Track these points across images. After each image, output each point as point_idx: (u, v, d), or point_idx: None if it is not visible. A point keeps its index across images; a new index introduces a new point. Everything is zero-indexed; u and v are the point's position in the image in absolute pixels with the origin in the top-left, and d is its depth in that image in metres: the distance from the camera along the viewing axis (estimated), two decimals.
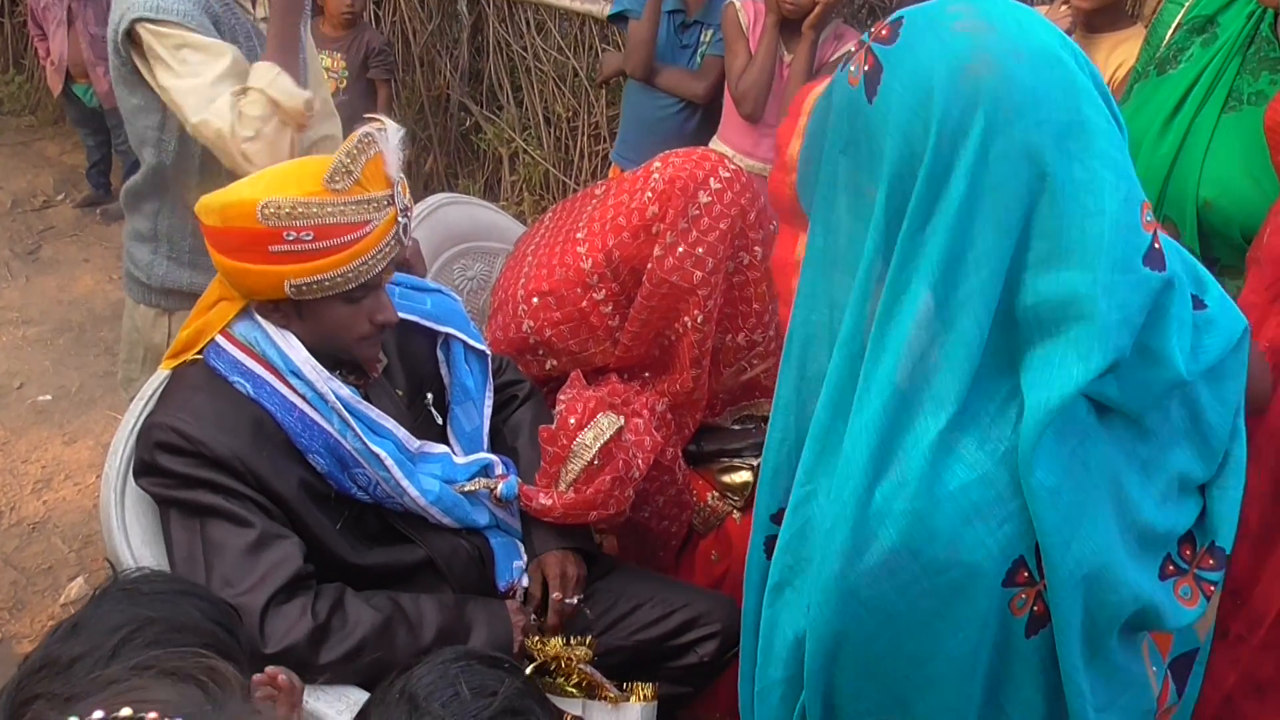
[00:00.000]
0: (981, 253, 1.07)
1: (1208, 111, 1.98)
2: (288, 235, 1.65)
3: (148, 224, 2.30)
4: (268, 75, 2.02)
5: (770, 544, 1.32)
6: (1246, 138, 1.93)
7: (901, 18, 1.12)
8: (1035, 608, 1.17)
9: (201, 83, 2.01)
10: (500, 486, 1.95)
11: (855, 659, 1.21)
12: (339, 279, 1.70)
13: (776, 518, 1.30)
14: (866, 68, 1.11)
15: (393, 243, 1.76)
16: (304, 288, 1.70)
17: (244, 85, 2.01)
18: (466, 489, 1.91)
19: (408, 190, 1.79)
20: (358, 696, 1.67)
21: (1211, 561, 1.27)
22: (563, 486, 1.95)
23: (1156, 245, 1.11)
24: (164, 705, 0.76)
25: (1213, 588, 1.27)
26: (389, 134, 1.73)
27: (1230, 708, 1.62)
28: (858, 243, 1.15)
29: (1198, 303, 1.21)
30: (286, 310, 1.76)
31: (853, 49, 1.16)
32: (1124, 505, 1.18)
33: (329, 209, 1.67)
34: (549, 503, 1.95)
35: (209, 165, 2.17)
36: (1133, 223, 1.08)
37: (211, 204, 1.71)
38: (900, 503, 1.12)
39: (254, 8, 2.20)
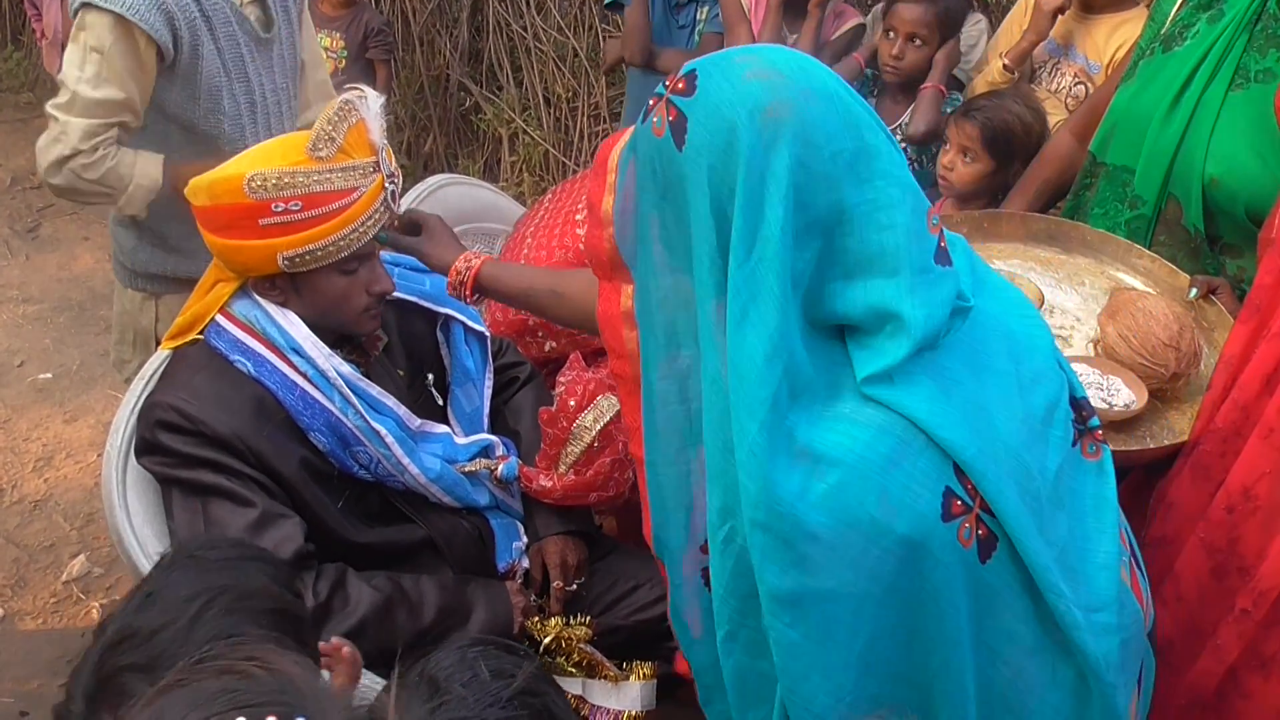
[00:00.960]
0: (801, 270, 1.18)
1: (1215, 89, 1.97)
2: (276, 207, 1.66)
3: None
4: (150, 171, 2.12)
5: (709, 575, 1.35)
6: (1254, 115, 1.93)
7: (694, 70, 1.22)
8: (979, 532, 1.22)
9: (88, 96, 2.04)
10: (501, 467, 1.96)
11: (843, 656, 1.23)
12: (331, 247, 1.71)
13: (705, 548, 1.34)
14: (670, 118, 1.21)
15: (381, 209, 1.76)
16: (297, 259, 1.70)
17: (117, 122, 2.07)
18: (467, 469, 1.92)
19: (393, 156, 1.79)
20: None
21: (1085, 412, 1.38)
22: (563, 468, 1.96)
23: (942, 245, 1.23)
24: (280, 708, 0.74)
25: (1100, 432, 1.38)
26: (369, 101, 1.73)
27: (1235, 681, 1.64)
28: (697, 279, 1.24)
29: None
30: (283, 286, 1.77)
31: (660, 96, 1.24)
32: (1012, 395, 1.27)
33: (315, 177, 1.67)
34: (549, 484, 1.96)
35: (184, 146, 2.17)
36: (921, 229, 1.20)
37: (199, 184, 1.71)
38: (817, 484, 1.18)
39: None
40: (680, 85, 1.23)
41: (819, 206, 1.17)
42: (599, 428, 1.94)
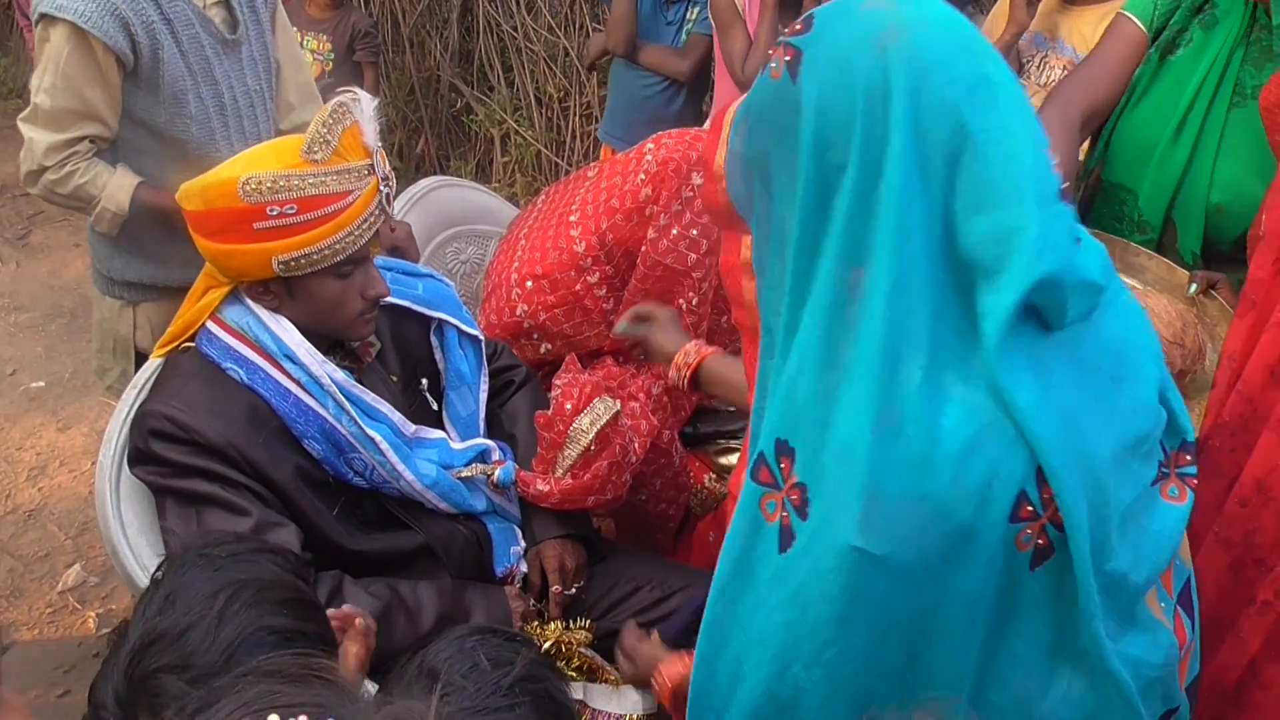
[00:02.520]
0: (925, 201, 1.16)
1: (1217, 109, 1.94)
2: (271, 210, 1.64)
3: None
4: (117, 196, 2.15)
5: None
6: (1252, 135, 1.89)
7: (812, 13, 1.22)
8: (1039, 540, 1.20)
9: (46, 107, 2.08)
10: (497, 472, 1.95)
11: (866, 624, 1.22)
12: (326, 251, 1.70)
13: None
14: (787, 58, 1.20)
15: (376, 212, 1.75)
16: (292, 263, 1.69)
17: (83, 135, 2.10)
18: (463, 474, 1.91)
19: (386, 160, 1.78)
20: None
21: (1188, 458, 1.35)
22: (560, 472, 1.95)
23: (1064, 184, 1.21)
24: (313, 709, 0.76)
25: (1195, 480, 1.35)
26: (363, 103, 1.72)
27: (1254, 673, 1.64)
28: (798, 220, 1.22)
29: None
30: (277, 291, 1.75)
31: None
32: (1103, 416, 1.24)
33: (310, 180, 1.66)
34: (546, 489, 1.95)
35: (153, 151, 2.17)
36: (1045, 163, 1.17)
37: (192, 188, 1.70)
38: (900, 450, 1.16)
39: None
40: (798, 27, 1.22)
41: (942, 131, 1.14)
42: (596, 431, 1.92)
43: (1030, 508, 1.18)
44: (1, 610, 2.90)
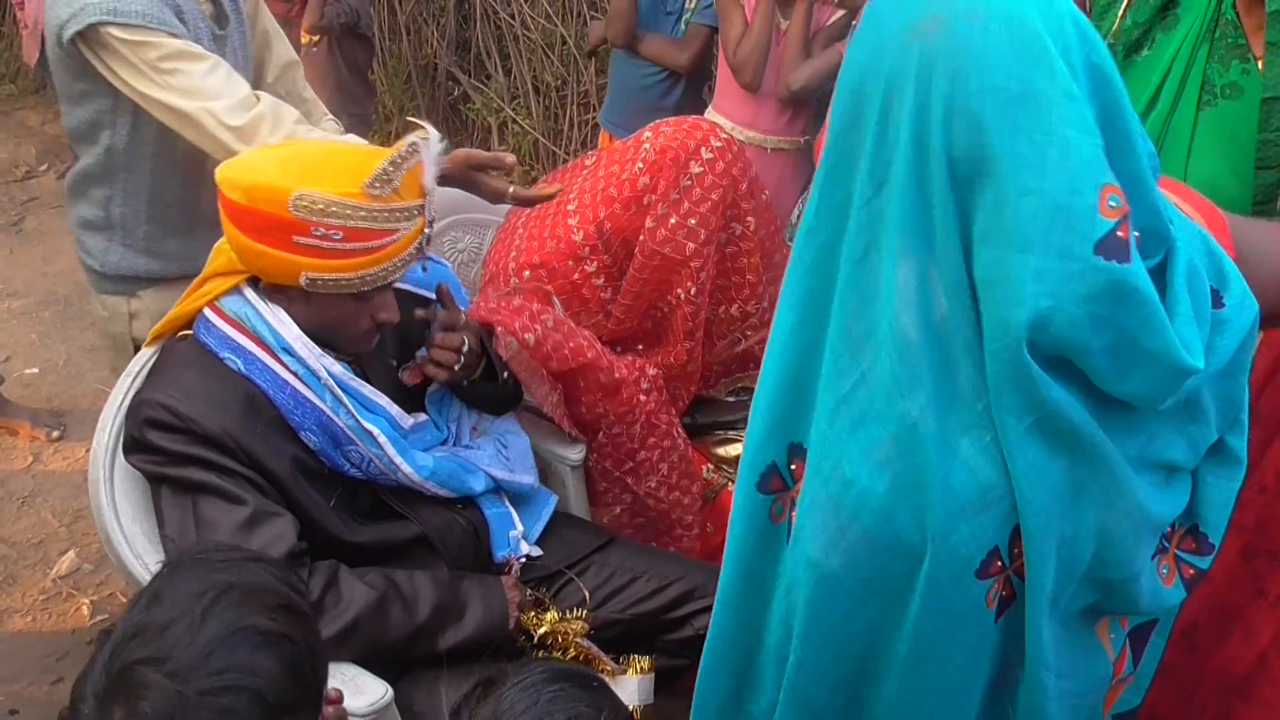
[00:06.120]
0: (935, 222, 1.02)
1: (1184, 109, 1.89)
2: (316, 230, 1.64)
3: (98, 211, 2.23)
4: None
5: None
6: (1225, 134, 1.84)
7: None
8: (1003, 593, 1.17)
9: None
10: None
11: (833, 638, 1.21)
12: (356, 280, 1.70)
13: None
14: (856, 20, 1.11)
15: (414, 251, 1.75)
16: (319, 282, 1.68)
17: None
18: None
19: (435, 201, 1.78)
20: (353, 673, 1.68)
21: (1193, 545, 1.23)
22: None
23: (1120, 234, 1.00)
24: None
25: (1191, 571, 1.23)
26: (432, 143, 1.71)
27: (1264, 667, 1.64)
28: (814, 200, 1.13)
29: (1216, 300, 1.13)
30: (294, 296, 1.75)
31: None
32: (1121, 492, 1.14)
33: (363, 213, 1.65)
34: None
35: (164, 147, 2.14)
36: (1080, 206, 0.99)
37: (238, 181, 1.67)
38: (890, 486, 1.11)
39: None
40: None
41: (960, 148, 0.99)
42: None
43: (999, 564, 1.14)
44: None
